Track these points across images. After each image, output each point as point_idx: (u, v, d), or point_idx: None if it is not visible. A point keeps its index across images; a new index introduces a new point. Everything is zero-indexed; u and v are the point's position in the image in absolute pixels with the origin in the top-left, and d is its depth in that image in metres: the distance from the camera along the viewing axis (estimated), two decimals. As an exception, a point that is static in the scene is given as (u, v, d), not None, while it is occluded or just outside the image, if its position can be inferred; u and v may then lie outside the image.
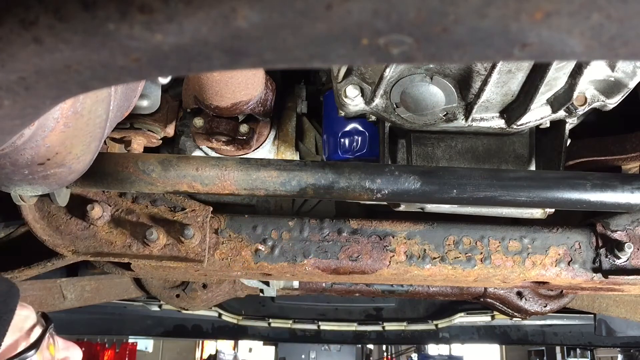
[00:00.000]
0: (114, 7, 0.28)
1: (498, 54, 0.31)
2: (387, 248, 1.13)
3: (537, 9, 0.27)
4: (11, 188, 0.65)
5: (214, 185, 0.84)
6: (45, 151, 0.56)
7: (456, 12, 0.28)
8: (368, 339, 2.87)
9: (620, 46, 0.30)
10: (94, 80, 0.36)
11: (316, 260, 1.12)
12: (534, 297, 1.78)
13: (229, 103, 1.09)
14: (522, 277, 1.13)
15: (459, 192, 0.85)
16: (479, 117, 0.99)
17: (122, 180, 0.85)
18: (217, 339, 8.30)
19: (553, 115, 0.98)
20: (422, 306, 2.83)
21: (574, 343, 2.85)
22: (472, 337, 2.86)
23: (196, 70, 0.35)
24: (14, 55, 0.32)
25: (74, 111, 0.54)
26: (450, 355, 9.54)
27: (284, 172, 0.83)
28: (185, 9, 0.28)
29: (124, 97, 0.73)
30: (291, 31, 0.29)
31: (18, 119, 0.43)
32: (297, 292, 1.83)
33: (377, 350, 9.37)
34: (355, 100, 0.98)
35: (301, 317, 2.78)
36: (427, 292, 1.85)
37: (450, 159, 1.08)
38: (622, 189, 0.86)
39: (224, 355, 9.61)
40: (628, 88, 0.95)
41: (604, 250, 1.12)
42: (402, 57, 0.31)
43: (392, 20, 0.28)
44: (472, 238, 1.13)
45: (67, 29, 0.30)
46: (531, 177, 0.87)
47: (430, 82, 0.94)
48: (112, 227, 1.13)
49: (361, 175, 0.84)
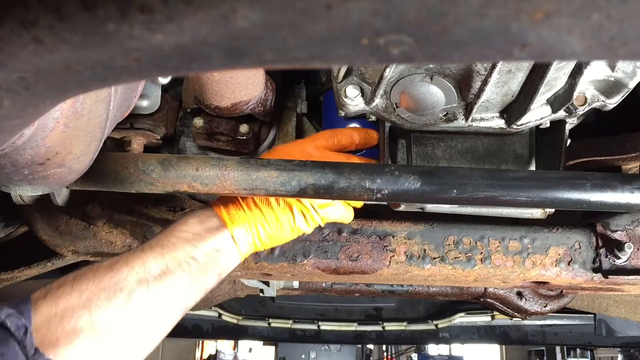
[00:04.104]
0: (114, 7, 0.28)
1: (498, 54, 0.31)
2: (387, 248, 1.13)
3: (537, 9, 0.27)
4: (11, 188, 0.65)
5: (214, 185, 0.84)
6: (45, 151, 0.56)
7: (456, 12, 0.28)
8: (368, 339, 2.87)
9: (621, 46, 0.30)
10: (94, 80, 0.36)
11: (316, 260, 1.12)
12: (534, 297, 1.78)
13: (229, 103, 1.09)
14: (522, 277, 1.13)
15: (459, 192, 0.85)
16: (479, 117, 0.99)
17: (122, 180, 0.85)
18: (217, 339, 8.30)
19: (553, 115, 0.98)
20: (422, 306, 2.83)
21: (574, 343, 2.85)
22: (472, 337, 2.86)
23: (196, 70, 0.35)
24: (14, 55, 0.32)
25: (74, 111, 0.54)
26: (450, 355, 9.54)
27: (284, 172, 0.83)
28: (185, 9, 0.28)
29: (124, 97, 0.73)
30: (291, 31, 0.29)
31: (18, 119, 0.43)
32: (297, 292, 1.83)
33: (377, 350, 9.37)
34: (355, 100, 0.98)
35: (301, 317, 2.79)
36: (427, 292, 1.85)
37: (450, 159, 1.08)
38: (622, 189, 0.86)
39: (223, 355, 9.61)
40: (628, 88, 0.95)
41: (604, 250, 1.12)
42: (402, 57, 0.31)
43: (392, 20, 0.28)
44: (472, 238, 1.14)
45: (67, 29, 0.30)
46: (531, 177, 0.86)
47: (430, 82, 0.94)
48: (112, 227, 1.13)
49: (361, 175, 0.84)
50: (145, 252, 0.83)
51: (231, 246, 0.90)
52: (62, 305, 0.72)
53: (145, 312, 0.79)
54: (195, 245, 0.86)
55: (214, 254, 0.87)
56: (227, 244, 0.89)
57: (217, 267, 0.88)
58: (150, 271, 0.80)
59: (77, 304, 0.73)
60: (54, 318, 0.71)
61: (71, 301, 0.73)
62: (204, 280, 0.86)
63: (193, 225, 0.89)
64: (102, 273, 0.77)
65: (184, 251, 0.85)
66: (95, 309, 0.74)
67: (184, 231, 0.87)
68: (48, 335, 0.69)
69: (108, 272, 0.78)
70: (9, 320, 0.67)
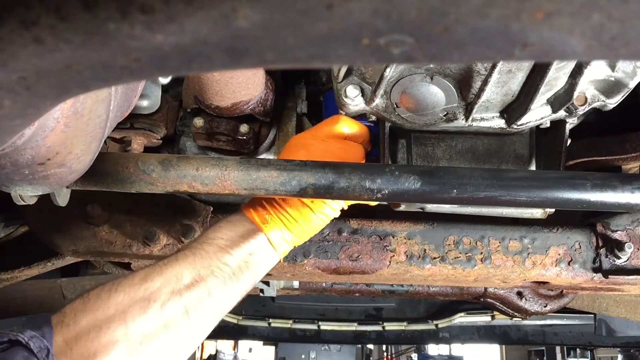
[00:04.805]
0: (114, 7, 0.28)
1: (499, 54, 0.31)
2: (387, 248, 1.13)
3: (538, 9, 0.27)
4: (11, 188, 0.65)
5: (214, 185, 0.84)
6: (46, 151, 0.56)
7: (457, 12, 0.28)
8: (368, 339, 2.87)
9: (621, 46, 0.30)
10: (94, 80, 0.36)
11: (316, 260, 1.12)
12: (534, 297, 1.78)
13: (229, 103, 1.09)
14: (522, 277, 1.13)
15: (459, 192, 0.85)
16: (479, 117, 0.99)
17: (122, 180, 0.85)
18: (217, 339, 8.31)
19: (553, 115, 0.98)
20: (422, 306, 2.83)
21: (574, 343, 2.85)
22: (472, 337, 2.86)
23: (197, 70, 0.35)
24: (14, 55, 0.32)
25: (74, 111, 0.54)
26: (450, 355, 9.54)
27: (284, 172, 0.83)
28: (186, 8, 0.28)
29: (124, 97, 0.73)
30: (292, 31, 0.29)
31: (18, 119, 0.43)
32: (297, 292, 1.83)
33: (377, 350, 9.37)
34: (356, 100, 0.98)
35: (301, 317, 2.78)
36: (427, 292, 1.85)
37: (451, 159, 1.08)
38: (622, 189, 0.86)
39: (224, 355, 9.61)
40: (628, 88, 0.95)
41: (604, 250, 1.12)
42: (403, 57, 0.31)
43: (392, 20, 0.28)
44: (472, 238, 1.14)
45: (68, 28, 0.30)
46: (531, 177, 0.86)
47: (430, 82, 0.94)
48: (112, 227, 1.13)
49: (361, 175, 0.84)
50: (179, 261, 0.84)
51: (268, 249, 0.91)
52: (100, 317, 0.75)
53: (180, 321, 0.80)
54: (229, 251, 0.87)
55: (247, 257, 0.89)
56: (263, 247, 0.91)
57: (250, 271, 0.89)
58: (182, 281, 0.82)
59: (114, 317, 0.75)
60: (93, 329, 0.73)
61: (108, 313, 0.75)
62: (237, 285, 0.88)
63: (226, 231, 0.90)
64: (137, 284, 0.79)
65: (217, 258, 0.86)
66: (131, 320, 0.76)
67: (217, 238, 0.89)
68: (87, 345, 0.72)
69: (143, 283, 0.79)
70: (32, 342, 0.68)
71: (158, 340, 0.77)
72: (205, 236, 0.90)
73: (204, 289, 0.83)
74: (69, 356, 0.71)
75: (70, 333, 0.72)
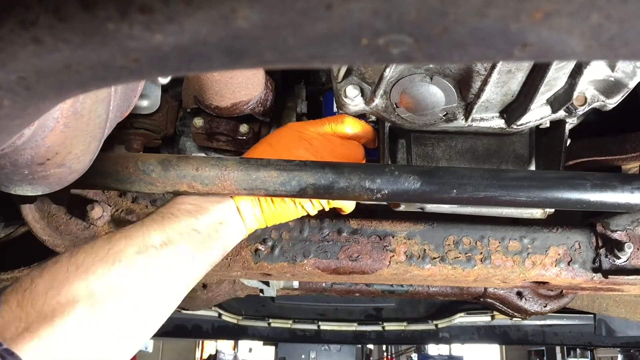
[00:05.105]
0: (114, 7, 0.28)
1: (498, 54, 0.31)
2: (387, 248, 1.13)
3: (537, 9, 0.27)
4: (11, 188, 0.65)
5: (214, 185, 0.84)
6: (45, 151, 0.56)
7: (456, 12, 0.28)
8: (368, 339, 2.87)
9: (621, 46, 0.30)
10: (94, 80, 0.36)
11: (316, 260, 1.12)
12: (534, 297, 1.78)
13: (229, 103, 1.09)
14: (522, 277, 1.13)
15: (459, 192, 0.85)
16: (479, 117, 0.99)
17: (122, 180, 0.85)
18: (217, 339, 8.31)
19: (553, 115, 0.98)
20: (422, 306, 2.83)
21: (574, 343, 2.85)
22: (472, 337, 2.86)
23: (196, 70, 0.35)
24: (14, 55, 0.32)
25: (74, 111, 0.54)
26: (450, 355, 9.54)
27: (284, 172, 0.83)
28: (186, 9, 0.28)
29: (124, 97, 0.73)
30: (291, 31, 0.29)
31: (18, 119, 0.43)
32: (297, 292, 1.83)
33: (377, 350, 9.37)
34: (355, 100, 0.98)
35: (301, 317, 2.79)
36: (427, 292, 1.85)
37: (450, 159, 1.08)
38: (622, 189, 0.86)
39: (223, 355, 9.61)
40: (628, 88, 0.95)
41: (604, 250, 1.12)
42: (402, 57, 0.31)
43: (392, 20, 0.28)
44: (472, 238, 1.13)
45: (67, 29, 0.30)
46: (531, 177, 0.86)
47: (430, 82, 0.94)
48: (112, 227, 1.13)
49: (361, 175, 0.84)
50: (146, 224, 0.80)
51: (236, 218, 0.88)
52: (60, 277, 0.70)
53: (146, 282, 0.75)
54: (197, 216, 0.84)
55: (217, 226, 0.85)
56: (231, 215, 0.88)
57: (221, 240, 0.86)
58: (150, 242, 0.77)
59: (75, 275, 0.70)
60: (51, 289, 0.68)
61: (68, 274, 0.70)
62: (207, 253, 0.84)
63: (195, 196, 0.86)
64: (99, 246, 0.75)
65: (186, 222, 0.82)
66: (93, 278, 0.71)
67: (185, 203, 0.85)
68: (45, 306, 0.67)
69: (106, 244, 0.75)
70: None
71: (123, 300, 0.72)
72: (174, 200, 0.86)
73: (172, 252, 0.79)
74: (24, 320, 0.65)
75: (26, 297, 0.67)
